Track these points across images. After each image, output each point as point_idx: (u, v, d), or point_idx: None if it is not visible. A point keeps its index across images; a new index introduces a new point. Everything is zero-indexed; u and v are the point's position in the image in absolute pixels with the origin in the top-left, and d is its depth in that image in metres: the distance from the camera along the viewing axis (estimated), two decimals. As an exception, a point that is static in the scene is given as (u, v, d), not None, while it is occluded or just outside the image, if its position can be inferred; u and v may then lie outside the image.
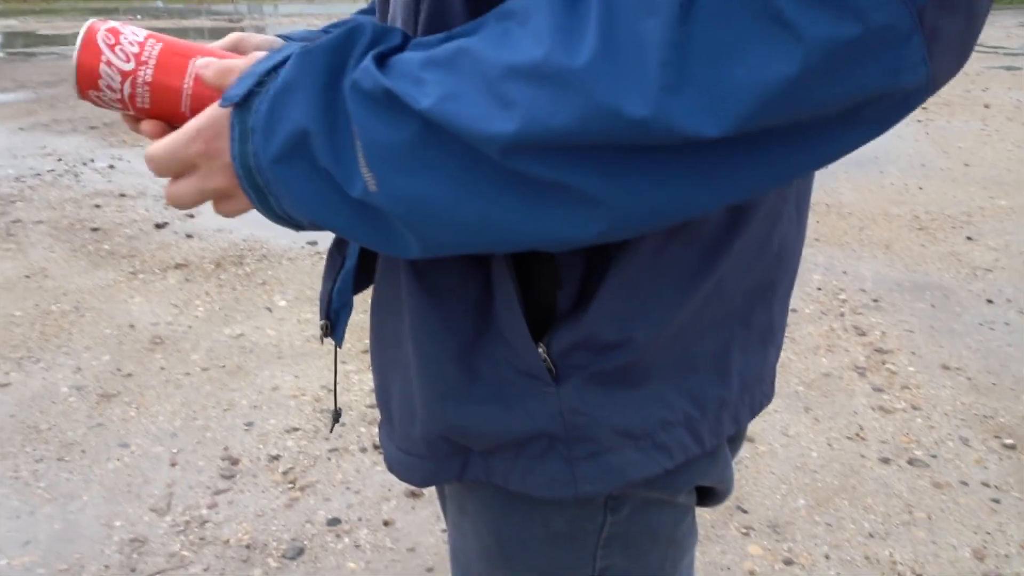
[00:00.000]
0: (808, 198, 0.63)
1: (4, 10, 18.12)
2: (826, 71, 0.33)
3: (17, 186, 4.46)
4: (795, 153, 0.37)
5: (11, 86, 7.77)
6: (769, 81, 0.33)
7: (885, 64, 0.33)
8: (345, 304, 0.79)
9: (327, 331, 0.81)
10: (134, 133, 0.82)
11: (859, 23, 0.32)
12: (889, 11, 0.32)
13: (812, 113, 0.35)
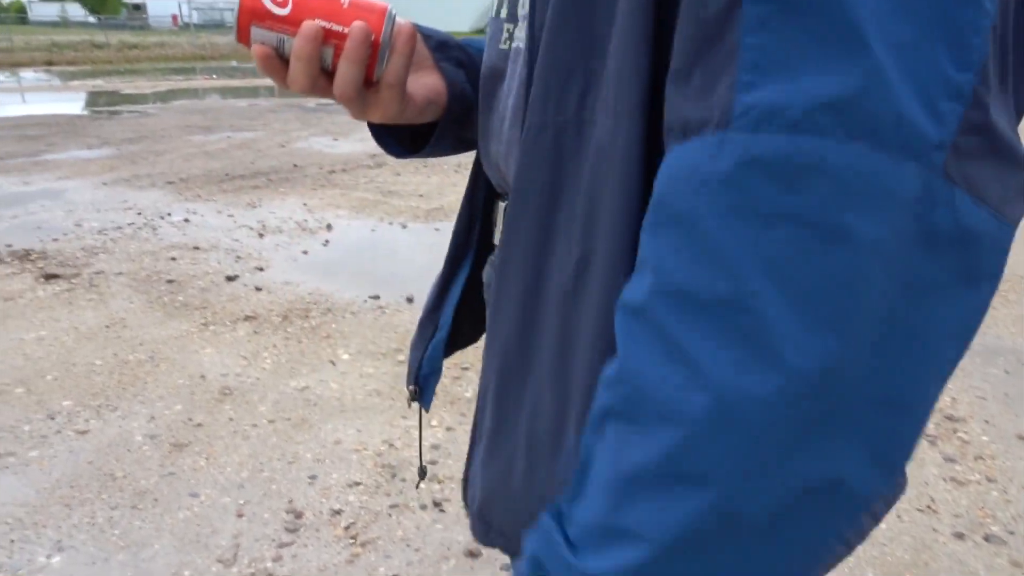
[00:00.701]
0: None
1: (92, 71, 19.31)
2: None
3: (100, 239, 4.71)
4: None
5: (96, 143, 8.24)
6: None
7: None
8: (435, 371, 0.83)
9: (415, 396, 0.84)
10: (208, 189, 0.86)
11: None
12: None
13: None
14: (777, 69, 0.34)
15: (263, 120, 9.99)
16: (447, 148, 0.76)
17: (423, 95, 0.67)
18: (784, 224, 0.34)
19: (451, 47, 0.72)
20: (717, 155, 0.35)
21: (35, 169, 6.82)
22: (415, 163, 7.06)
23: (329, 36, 0.56)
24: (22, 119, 10.15)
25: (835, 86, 0.33)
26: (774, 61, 0.34)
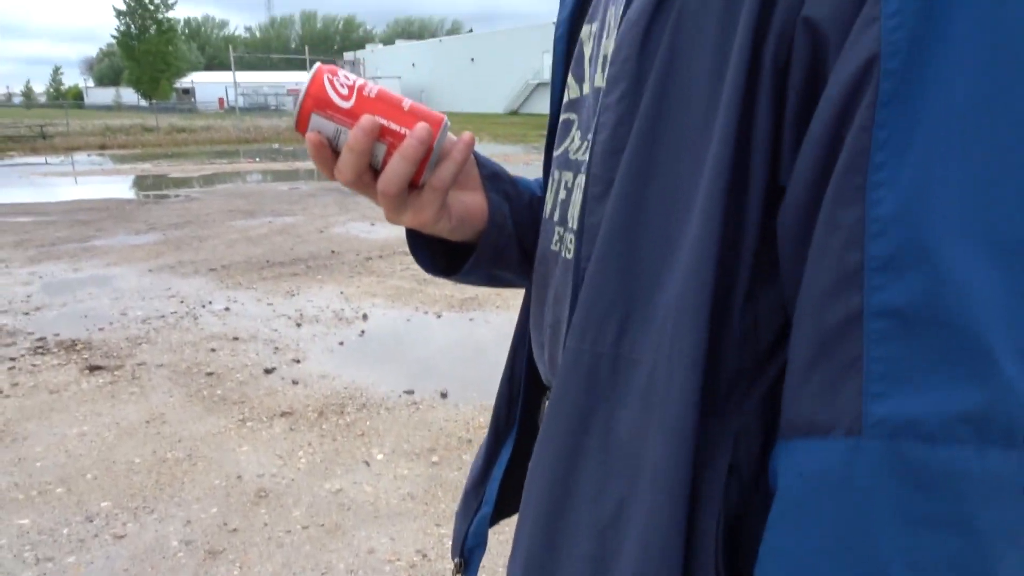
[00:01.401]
0: None
1: (142, 154, 20.17)
2: None
3: (144, 328, 4.83)
4: None
5: (143, 228, 8.55)
6: None
7: None
8: (480, 543, 0.83)
9: (460, 568, 0.85)
10: (248, 277, 0.89)
11: None
12: None
13: None
14: (905, 381, 0.36)
15: (303, 204, 10.29)
16: (481, 279, 0.76)
17: (460, 211, 0.67)
18: (929, 527, 0.36)
19: (502, 179, 0.73)
20: (852, 461, 0.37)
21: (85, 255, 7.07)
22: (450, 250, 7.19)
23: (385, 133, 0.58)
24: (75, 203, 10.58)
25: (968, 402, 0.35)
26: (901, 374, 0.36)
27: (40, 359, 4.27)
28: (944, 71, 0.35)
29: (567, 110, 0.64)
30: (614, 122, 0.50)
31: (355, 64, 37.86)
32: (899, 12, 0.36)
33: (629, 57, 0.49)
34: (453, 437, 3.32)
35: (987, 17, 0.35)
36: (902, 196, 0.36)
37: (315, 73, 0.59)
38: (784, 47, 0.41)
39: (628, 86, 0.49)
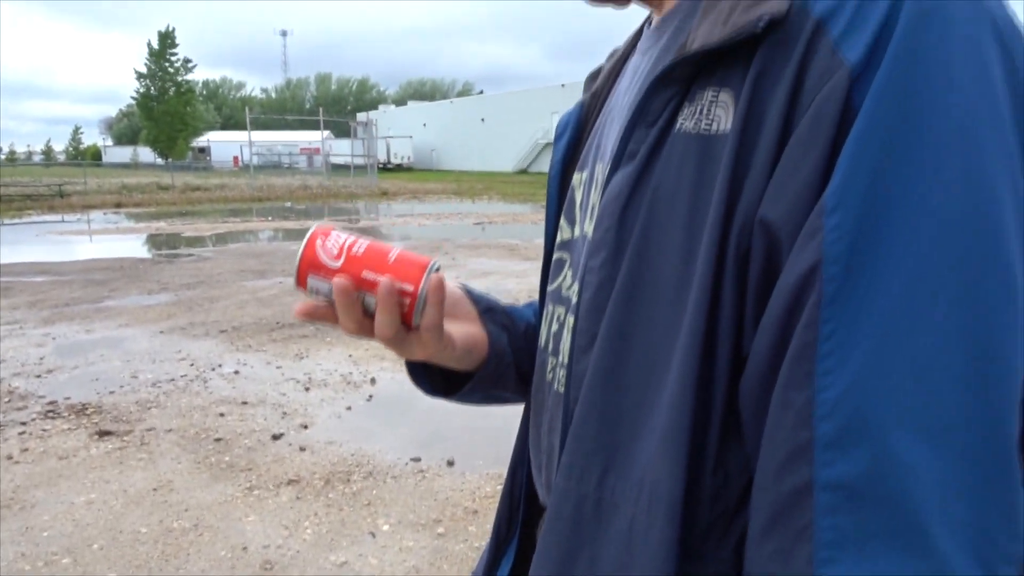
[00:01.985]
0: None
1: (157, 212, 20.52)
2: None
3: (154, 391, 4.87)
4: None
5: (156, 288, 8.66)
6: None
7: None
8: None
9: None
10: (258, 339, 0.92)
11: None
12: None
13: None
14: (852, 549, 0.40)
15: (313, 264, 10.42)
16: (478, 399, 0.80)
17: (464, 343, 0.71)
18: None
19: (497, 312, 0.79)
20: None
21: (97, 316, 7.16)
22: (458, 312, 7.24)
23: (371, 286, 0.63)
24: (90, 263, 10.74)
25: (907, 572, 0.39)
26: (849, 542, 0.40)
27: (51, 423, 4.31)
28: (879, 277, 0.40)
29: (560, 249, 0.70)
30: (597, 284, 0.55)
31: (367, 124, 38.63)
32: (838, 227, 0.41)
33: (610, 228, 0.54)
34: (459, 507, 3.31)
35: (914, 235, 0.40)
36: (846, 383, 0.40)
37: (309, 238, 0.63)
38: (745, 238, 0.46)
39: (609, 254, 0.54)
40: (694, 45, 0.51)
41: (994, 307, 0.40)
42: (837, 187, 0.41)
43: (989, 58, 0.42)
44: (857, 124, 0.41)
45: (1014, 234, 0.41)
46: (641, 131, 0.54)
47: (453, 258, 10.98)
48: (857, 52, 0.42)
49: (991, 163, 0.41)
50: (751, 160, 0.46)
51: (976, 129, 0.41)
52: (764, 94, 0.46)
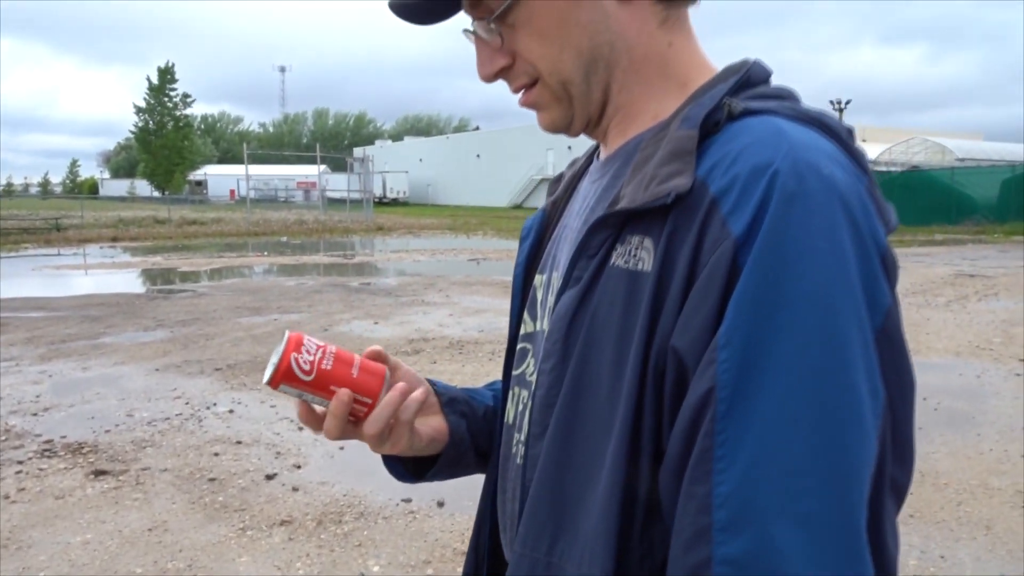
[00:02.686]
0: None
1: (153, 247, 20.64)
2: None
3: (149, 430, 4.94)
4: None
5: (152, 324, 8.74)
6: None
7: None
8: None
9: None
10: (253, 377, 1.01)
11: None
12: None
13: None
14: None
15: (308, 301, 10.52)
16: (442, 477, 0.94)
17: (428, 434, 0.85)
18: None
19: (458, 402, 0.92)
20: None
21: (94, 353, 7.24)
22: (450, 351, 7.34)
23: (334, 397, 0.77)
24: (87, 298, 10.83)
25: None
26: None
27: (47, 463, 4.37)
28: (757, 401, 0.52)
29: (523, 340, 0.82)
30: (548, 384, 0.68)
31: (364, 160, 39.02)
32: (727, 360, 0.53)
33: (558, 340, 0.67)
34: (448, 548, 3.38)
35: (781, 370, 0.53)
36: (736, 481, 0.52)
37: (283, 354, 0.76)
38: (662, 359, 0.58)
39: (557, 361, 0.67)
40: (623, 203, 0.64)
41: (845, 425, 0.52)
42: (726, 330, 0.54)
43: (839, 228, 0.55)
44: (740, 283, 0.54)
45: (861, 368, 0.54)
46: (584, 261, 0.66)
47: (447, 295, 11.10)
48: (740, 226, 0.55)
49: (841, 313, 0.53)
50: (666, 297, 0.59)
51: (829, 288, 0.54)
52: (675, 248, 0.59)
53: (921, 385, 3.53)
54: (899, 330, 0.58)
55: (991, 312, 9.53)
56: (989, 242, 21.77)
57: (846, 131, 0.64)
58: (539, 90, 0.73)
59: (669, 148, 0.62)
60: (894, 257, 0.60)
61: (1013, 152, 41.76)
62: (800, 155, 0.56)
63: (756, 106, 0.63)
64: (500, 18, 0.70)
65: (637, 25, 0.69)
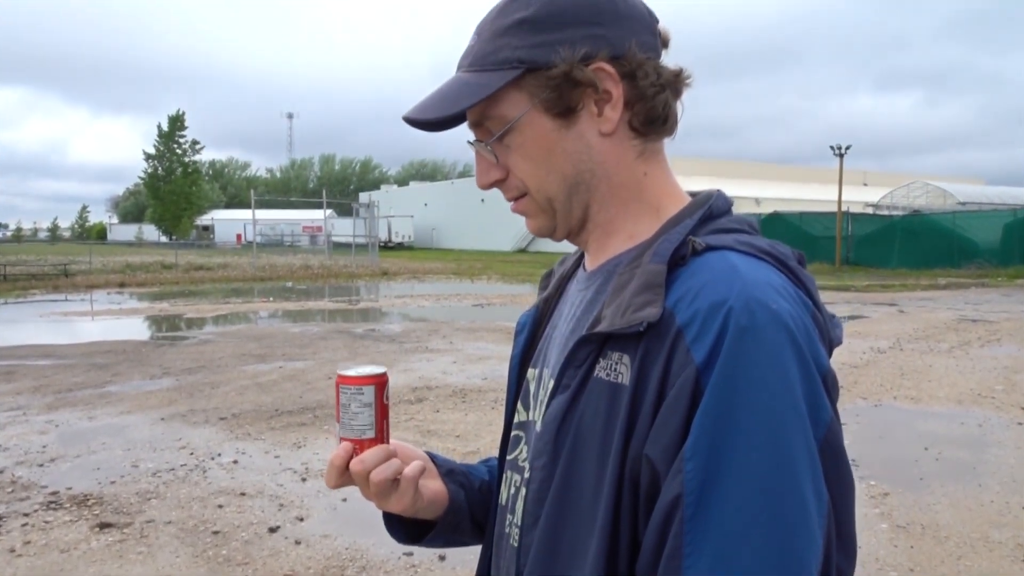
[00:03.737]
0: None
1: (160, 292, 20.82)
2: None
3: (154, 481, 4.97)
4: None
5: (158, 372, 8.81)
6: None
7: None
8: None
9: None
10: (257, 426, 1.05)
11: None
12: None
13: None
14: None
15: (313, 348, 10.59)
16: (440, 543, 1.02)
17: (429, 497, 0.93)
18: None
19: (457, 473, 1.01)
20: None
21: (100, 402, 7.30)
22: (453, 399, 7.38)
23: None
24: (94, 345, 10.92)
25: None
26: None
27: (52, 515, 4.41)
28: (718, 508, 0.61)
29: (517, 428, 0.90)
30: (540, 480, 0.77)
31: (369, 205, 39.46)
32: (693, 470, 0.62)
33: (548, 441, 0.76)
34: (450, 603, 3.39)
35: (738, 481, 0.62)
36: (703, 573, 0.61)
37: (383, 373, 0.89)
38: (637, 465, 0.67)
39: (548, 459, 0.76)
40: (603, 325, 0.73)
41: (794, 528, 0.61)
42: (691, 444, 0.63)
43: (786, 357, 0.64)
44: (702, 404, 0.63)
45: (807, 477, 0.62)
46: (572, 370, 0.76)
47: (451, 342, 11.16)
48: (701, 355, 0.65)
49: (788, 431, 0.63)
50: (640, 409, 0.68)
51: (777, 410, 0.63)
52: (647, 368, 0.68)
53: (924, 434, 3.68)
54: (838, 439, 0.67)
55: (994, 358, 9.54)
56: (992, 286, 21.80)
57: (796, 259, 0.74)
58: (527, 202, 0.84)
59: (642, 280, 0.72)
60: (834, 376, 0.70)
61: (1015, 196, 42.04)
62: (751, 292, 0.66)
63: (715, 242, 0.73)
64: (497, 141, 0.80)
65: (616, 156, 0.80)
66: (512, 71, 0.76)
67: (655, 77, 0.78)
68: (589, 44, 0.76)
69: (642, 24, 0.79)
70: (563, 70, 0.75)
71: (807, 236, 31.21)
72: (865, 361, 9.36)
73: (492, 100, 0.78)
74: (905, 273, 26.15)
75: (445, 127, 0.82)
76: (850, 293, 19.61)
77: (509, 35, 0.77)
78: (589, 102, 0.77)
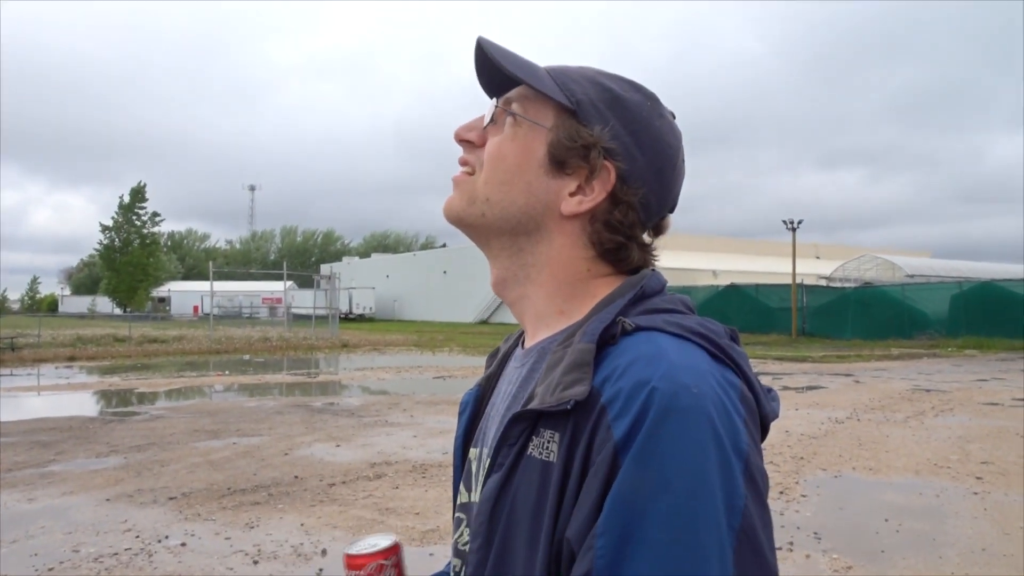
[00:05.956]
0: None
1: (111, 366, 20.20)
2: None
3: (95, 567, 4.72)
4: None
5: (105, 450, 8.47)
6: None
7: None
8: None
9: None
10: (208, 506, 0.99)
11: None
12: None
13: None
14: None
15: (269, 423, 10.32)
16: None
17: None
18: None
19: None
20: None
21: (41, 482, 6.97)
22: (413, 475, 7.22)
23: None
24: (37, 422, 10.49)
25: None
26: None
27: (-17, 605, 4.14)
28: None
29: (459, 510, 0.89)
30: (475, 564, 0.75)
31: (330, 277, 39.26)
32: (602, 547, 0.62)
33: (483, 522, 0.75)
34: None
35: (649, 563, 0.61)
36: None
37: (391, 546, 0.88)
38: (560, 547, 0.67)
39: (482, 542, 0.74)
40: (535, 403, 0.74)
41: None
42: (603, 521, 0.63)
43: (704, 441, 0.65)
44: (616, 482, 0.64)
45: (715, 566, 0.62)
46: (506, 449, 0.75)
47: (411, 415, 10.98)
48: (621, 431, 0.65)
49: (699, 518, 0.62)
50: (567, 488, 0.68)
51: (689, 495, 0.63)
52: (574, 445, 0.69)
53: (884, 505, 3.71)
54: (754, 526, 0.65)
55: (947, 428, 9.70)
56: (943, 355, 22.36)
57: (728, 336, 0.75)
58: (468, 180, 0.85)
59: (572, 359, 0.73)
60: (761, 468, 0.69)
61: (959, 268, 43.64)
62: (675, 375, 0.67)
63: (645, 323, 0.74)
64: (504, 110, 0.84)
65: (565, 240, 0.83)
66: (567, 101, 0.80)
67: (630, 223, 0.81)
68: (621, 150, 0.80)
69: (664, 190, 0.83)
70: (588, 139, 0.79)
71: (764, 307, 31.85)
72: (824, 431, 9.44)
73: (535, 97, 0.82)
74: (859, 343, 26.72)
75: (495, 77, 0.83)
76: (807, 364, 19.91)
77: (592, 88, 0.81)
78: (576, 178, 0.80)
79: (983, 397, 12.78)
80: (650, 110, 0.83)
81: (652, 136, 0.81)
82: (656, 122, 0.82)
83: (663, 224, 0.86)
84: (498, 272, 0.87)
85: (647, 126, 0.81)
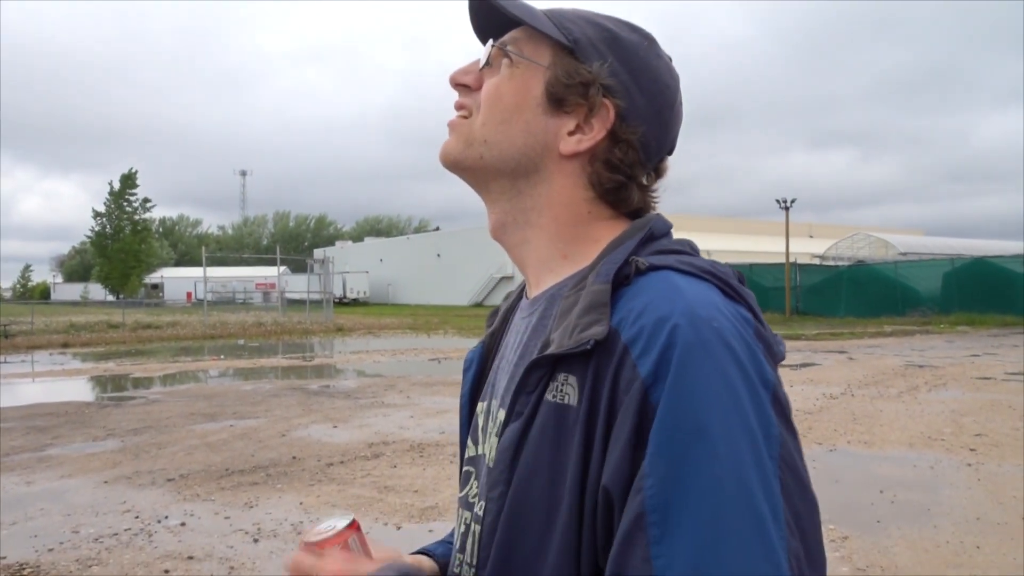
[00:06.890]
0: None
1: (106, 352, 20.15)
2: None
3: (95, 547, 4.73)
4: None
5: (102, 434, 8.47)
6: None
7: None
8: None
9: None
10: (206, 487, 0.98)
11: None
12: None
13: None
14: None
15: (265, 405, 10.33)
16: None
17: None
18: None
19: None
20: None
21: (39, 466, 6.97)
22: (411, 454, 7.24)
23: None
24: (33, 408, 10.48)
25: None
26: None
27: (-16, 586, 4.15)
28: (685, 526, 0.59)
29: (468, 464, 0.88)
30: (495, 511, 0.74)
31: (324, 261, 39.12)
32: (652, 487, 0.61)
33: (503, 470, 0.74)
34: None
35: (699, 499, 0.60)
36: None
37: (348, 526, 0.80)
38: (594, 496, 0.66)
39: (502, 489, 0.73)
40: (552, 348, 0.72)
41: (747, 541, 0.59)
42: (648, 462, 0.61)
43: (731, 372, 0.64)
44: (656, 420, 0.62)
45: (760, 494, 0.61)
46: (524, 397, 0.74)
47: (408, 396, 11.01)
48: (647, 368, 0.64)
49: (743, 452, 0.61)
50: (593, 429, 0.67)
51: (728, 423, 0.62)
52: (597, 386, 0.68)
53: (879, 477, 3.74)
54: (792, 456, 0.65)
55: (941, 402, 9.78)
56: (935, 332, 22.50)
57: (736, 279, 0.75)
58: (463, 123, 0.84)
59: (587, 300, 0.72)
60: (784, 393, 0.68)
61: (951, 246, 43.78)
62: (694, 310, 0.66)
63: (657, 262, 0.73)
64: (500, 52, 0.82)
65: (565, 180, 0.81)
66: (564, 39, 0.79)
67: (630, 162, 0.80)
68: (620, 88, 0.79)
69: (663, 131, 0.82)
70: (586, 75, 0.78)
71: (758, 287, 31.90)
72: (818, 407, 9.50)
73: (532, 37, 0.81)
74: (853, 321, 26.84)
75: (492, 20, 0.83)
76: (801, 342, 20.00)
77: (589, 27, 0.80)
78: (574, 117, 0.79)
79: (976, 372, 12.89)
80: (647, 49, 0.81)
81: (650, 75, 0.80)
82: (654, 61, 0.81)
83: (662, 167, 0.85)
84: (497, 216, 0.85)
85: (645, 65, 0.80)
